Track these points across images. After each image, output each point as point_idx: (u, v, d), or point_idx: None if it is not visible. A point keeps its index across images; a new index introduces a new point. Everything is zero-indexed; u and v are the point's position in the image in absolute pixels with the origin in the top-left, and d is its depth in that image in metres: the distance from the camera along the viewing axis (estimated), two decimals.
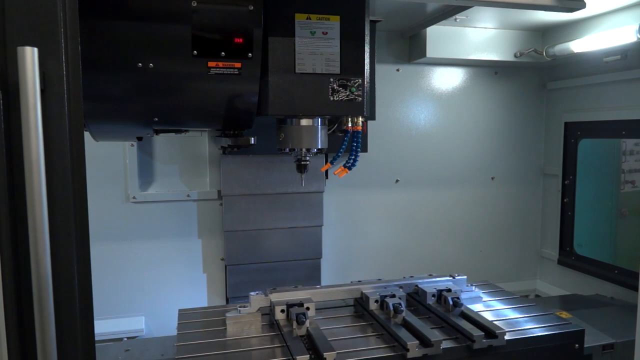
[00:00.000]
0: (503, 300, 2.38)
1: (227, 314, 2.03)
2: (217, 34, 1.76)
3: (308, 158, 2.13)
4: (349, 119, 2.00)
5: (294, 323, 1.92)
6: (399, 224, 3.26)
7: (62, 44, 1.19)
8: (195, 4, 1.72)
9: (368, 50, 1.99)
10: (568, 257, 3.30)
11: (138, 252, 2.80)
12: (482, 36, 2.93)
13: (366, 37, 1.97)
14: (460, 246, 3.39)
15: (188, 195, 2.84)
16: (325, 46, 1.91)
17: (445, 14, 2.51)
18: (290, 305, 2.02)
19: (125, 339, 2.55)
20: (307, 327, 1.92)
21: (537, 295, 3.55)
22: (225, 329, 2.01)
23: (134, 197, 2.74)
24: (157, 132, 2.08)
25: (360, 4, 1.94)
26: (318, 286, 2.23)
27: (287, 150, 2.09)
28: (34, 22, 1.16)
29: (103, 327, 2.56)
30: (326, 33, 1.91)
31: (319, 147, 2.09)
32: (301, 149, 2.09)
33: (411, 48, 3.08)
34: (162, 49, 1.73)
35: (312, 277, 2.94)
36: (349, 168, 2.15)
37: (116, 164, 2.71)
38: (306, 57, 1.89)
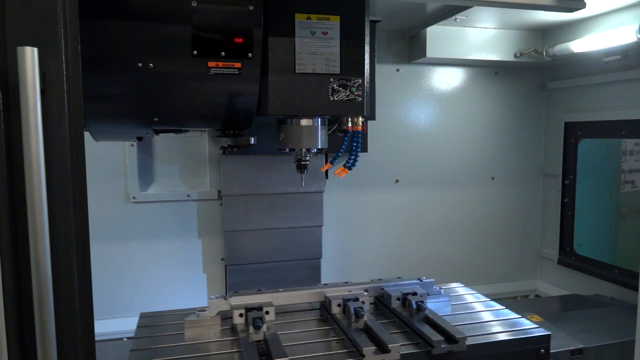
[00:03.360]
0: (472, 303, 2.33)
1: (186, 318, 1.98)
2: (217, 34, 1.76)
3: (308, 158, 2.13)
4: (349, 119, 2.01)
5: (251, 327, 1.87)
6: (398, 224, 3.26)
7: (62, 44, 1.19)
8: (195, 4, 1.72)
9: (368, 50, 1.99)
10: (568, 257, 3.30)
11: (138, 252, 2.80)
12: (482, 36, 2.93)
13: (366, 37, 1.97)
14: (460, 246, 3.39)
15: (188, 195, 2.84)
16: (325, 46, 1.91)
17: (445, 14, 2.51)
18: (249, 310, 1.95)
19: (125, 339, 2.55)
20: (264, 332, 1.87)
21: (537, 295, 3.55)
22: (184, 333, 1.96)
23: (134, 197, 2.74)
24: (157, 132, 2.08)
25: (360, 4, 1.94)
26: (281, 289, 2.16)
27: (287, 150, 2.09)
28: (34, 22, 1.16)
29: (103, 327, 2.56)
30: (326, 33, 1.91)
31: (319, 147, 2.09)
32: (301, 149, 2.09)
33: (411, 48, 3.08)
34: (162, 49, 1.73)
35: (312, 277, 2.94)
36: (349, 168, 2.15)
37: (116, 164, 2.71)
38: (306, 57, 1.89)
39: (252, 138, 2.21)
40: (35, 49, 1.10)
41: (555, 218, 3.38)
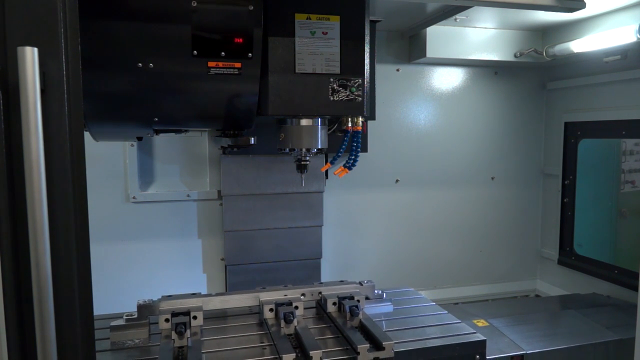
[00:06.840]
0: (414, 307, 2.30)
1: (112, 323, 1.95)
2: (217, 34, 1.76)
3: (308, 158, 2.13)
4: (349, 119, 2.00)
5: (173, 333, 1.84)
6: (398, 224, 3.26)
7: (62, 44, 1.19)
8: (195, 4, 1.72)
9: (368, 50, 1.99)
10: (568, 257, 3.30)
11: (138, 252, 2.80)
12: (482, 36, 2.93)
13: (366, 37, 1.97)
14: (460, 246, 3.39)
15: (188, 195, 2.84)
16: (325, 46, 1.91)
17: (445, 14, 2.51)
18: (175, 315, 1.91)
19: None
20: (188, 338, 1.84)
21: (537, 295, 3.55)
22: (108, 338, 1.94)
23: (134, 197, 2.74)
24: (157, 132, 2.08)
25: (360, 4, 1.94)
26: (213, 294, 2.14)
27: (287, 150, 2.09)
28: (34, 22, 1.16)
29: None
30: (326, 33, 1.91)
31: (319, 147, 2.09)
32: (301, 149, 2.09)
33: (411, 48, 3.08)
34: (162, 49, 1.73)
35: (312, 277, 2.94)
36: (349, 168, 2.15)
37: (116, 164, 2.71)
38: (306, 57, 1.89)
39: (252, 138, 2.21)
40: (35, 49, 1.10)
41: (555, 218, 3.38)
